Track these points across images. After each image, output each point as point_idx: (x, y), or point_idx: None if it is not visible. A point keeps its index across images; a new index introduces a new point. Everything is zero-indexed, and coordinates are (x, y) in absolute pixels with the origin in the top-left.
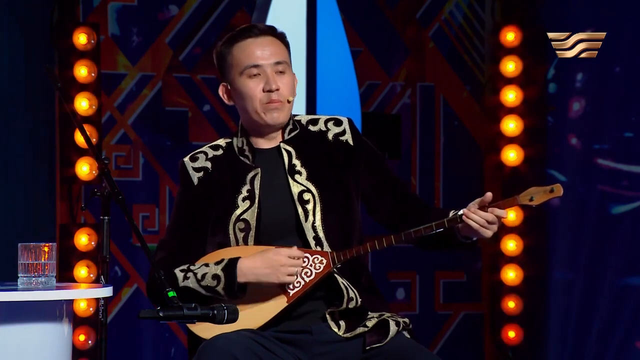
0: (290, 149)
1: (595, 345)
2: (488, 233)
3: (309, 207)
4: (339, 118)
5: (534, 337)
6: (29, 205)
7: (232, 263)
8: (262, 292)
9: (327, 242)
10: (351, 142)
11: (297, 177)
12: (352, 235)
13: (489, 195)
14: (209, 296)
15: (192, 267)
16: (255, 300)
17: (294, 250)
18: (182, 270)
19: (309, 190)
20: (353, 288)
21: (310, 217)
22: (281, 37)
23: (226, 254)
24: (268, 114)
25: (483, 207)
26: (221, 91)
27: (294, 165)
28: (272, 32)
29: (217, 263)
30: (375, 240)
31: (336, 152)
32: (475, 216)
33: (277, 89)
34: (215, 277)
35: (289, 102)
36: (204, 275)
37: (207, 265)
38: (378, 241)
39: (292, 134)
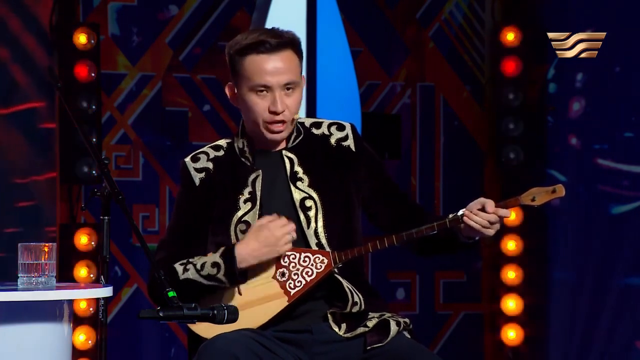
0: (292, 156)
1: (595, 345)
2: (490, 232)
3: (311, 213)
4: (342, 123)
5: (534, 337)
6: (29, 205)
7: (229, 249)
8: (263, 291)
9: (330, 248)
10: (353, 148)
11: (299, 184)
12: (354, 240)
13: (491, 202)
14: (211, 285)
15: (190, 260)
16: (256, 299)
17: (282, 220)
18: (181, 264)
19: (310, 197)
20: (358, 292)
21: (313, 224)
22: (295, 49)
23: None
24: (270, 133)
25: (484, 209)
26: (228, 89)
27: (296, 173)
28: (286, 45)
29: (215, 251)
30: (376, 240)
31: (338, 157)
32: (477, 217)
33: (283, 111)
34: (215, 264)
35: (292, 120)
36: (203, 265)
37: (205, 255)
38: (379, 241)
39: (296, 141)
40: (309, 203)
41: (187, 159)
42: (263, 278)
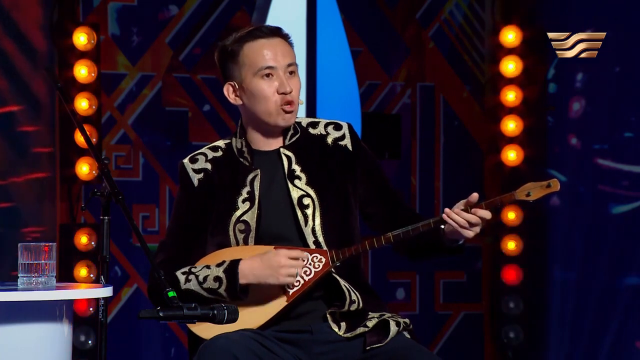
0: (290, 154)
1: (595, 344)
2: (469, 234)
3: (309, 211)
4: (339, 123)
5: (534, 337)
6: (29, 205)
7: (234, 265)
8: (261, 291)
9: (327, 246)
10: (350, 148)
11: (296, 182)
12: (352, 238)
13: (474, 195)
14: (211, 298)
15: (193, 270)
16: (255, 299)
17: (294, 251)
18: (183, 273)
19: (308, 195)
20: (355, 291)
21: (310, 222)
22: (287, 39)
23: (227, 254)
24: (280, 117)
25: (467, 208)
26: (227, 90)
27: (294, 171)
28: (280, 33)
29: (219, 265)
30: (373, 239)
31: (335, 157)
32: (457, 217)
33: (291, 91)
34: (217, 279)
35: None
36: (205, 278)
37: (208, 267)
38: (376, 239)
39: (293, 139)
40: (306, 201)
41: (185, 160)
42: None
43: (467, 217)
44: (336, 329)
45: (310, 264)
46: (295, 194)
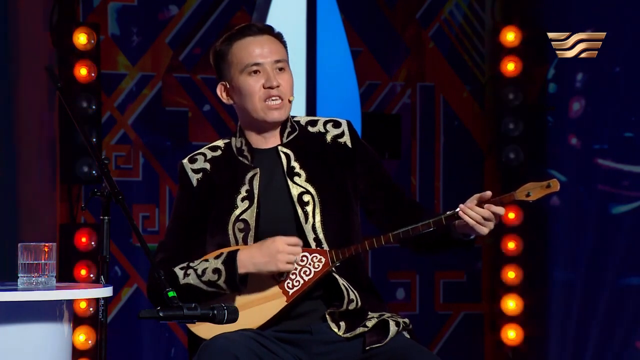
0: (288, 151)
1: (595, 345)
2: (484, 230)
3: (309, 208)
4: (338, 120)
5: (534, 337)
6: (29, 205)
7: (232, 255)
8: (261, 291)
9: (327, 243)
10: (349, 144)
11: (296, 179)
12: (352, 235)
13: (488, 193)
14: (211, 291)
15: (191, 264)
16: (255, 299)
17: (292, 238)
18: (181, 268)
19: (308, 192)
20: (353, 289)
21: (310, 219)
22: (279, 37)
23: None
24: (268, 112)
25: (480, 204)
26: (219, 90)
27: (293, 167)
28: (270, 31)
29: (217, 257)
30: (373, 239)
31: (335, 154)
32: (472, 212)
33: (278, 86)
34: (216, 270)
35: (289, 101)
36: (204, 271)
37: (206, 260)
38: (376, 239)
39: (291, 137)
40: (306, 198)
41: (185, 161)
42: (262, 278)
43: (480, 212)
44: (336, 329)
45: (310, 264)
46: (295, 190)
